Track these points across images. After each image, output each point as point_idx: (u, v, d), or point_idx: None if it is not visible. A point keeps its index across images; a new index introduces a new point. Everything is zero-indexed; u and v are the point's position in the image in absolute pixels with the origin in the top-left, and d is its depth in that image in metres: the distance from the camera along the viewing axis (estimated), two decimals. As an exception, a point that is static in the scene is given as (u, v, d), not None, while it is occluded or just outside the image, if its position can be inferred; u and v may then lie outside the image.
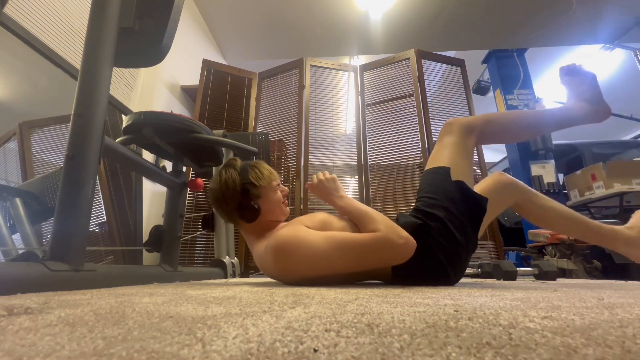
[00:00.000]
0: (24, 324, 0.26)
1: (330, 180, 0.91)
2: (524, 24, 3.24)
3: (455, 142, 0.91)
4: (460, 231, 0.80)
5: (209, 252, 2.27)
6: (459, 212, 0.82)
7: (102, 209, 1.69)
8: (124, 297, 0.48)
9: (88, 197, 0.68)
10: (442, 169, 0.88)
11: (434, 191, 0.86)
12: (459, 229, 0.80)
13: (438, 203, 0.83)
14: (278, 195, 0.87)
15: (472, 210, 0.84)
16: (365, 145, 2.60)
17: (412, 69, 2.62)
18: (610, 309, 0.34)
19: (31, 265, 0.56)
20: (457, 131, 0.92)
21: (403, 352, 0.19)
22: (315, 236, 0.74)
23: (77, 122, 0.69)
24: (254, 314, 0.32)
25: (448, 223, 0.80)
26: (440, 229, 0.80)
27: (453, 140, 0.92)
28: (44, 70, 1.47)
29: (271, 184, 0.86)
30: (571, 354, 0.18)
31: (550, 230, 1.04)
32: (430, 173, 0.91)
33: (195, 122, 1.11)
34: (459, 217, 0.81)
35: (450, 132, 0.93)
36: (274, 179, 0.87)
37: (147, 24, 0.87)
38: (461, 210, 0.82)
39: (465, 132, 0.92)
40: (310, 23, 3.25)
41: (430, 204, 0.84)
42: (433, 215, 0.82)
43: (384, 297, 0.47)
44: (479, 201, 0.85)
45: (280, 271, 0.79)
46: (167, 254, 1.17)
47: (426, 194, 0.87)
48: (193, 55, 2.91)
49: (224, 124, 2.56)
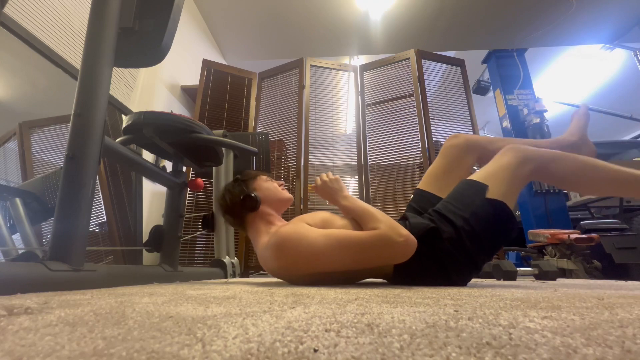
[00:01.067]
0: (24, 324, 0.26)
1: (334, 181, 0.92)
2: (524, 24, 3.24)
3: (509, 166, 0.84)
4: (475, 243, 0.78)
5: (209, 252, 2.27)
6: (480, 227, 0.79)
7: (102, 209, 1.69)
8: (124, 297, 0.48)
9: (88, 197, 0.68)
10: (479, 184, 0.84)
11: (459, 200, 0.84)
12: (474, 242, 0.78)
13: (458, 212, 0.81)
14: (272, 183, 0.98)
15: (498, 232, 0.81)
16: (365, 145, 2.60)
17: (412, 69, 2.62)
18: (610, 309, 0.34)
19: (31, 265, 0.56)
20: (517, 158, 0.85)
21: (403, 352, 0.19)
22: (315, 233, 0.75)
23: (77, 122, 0.69)
24: (254, 314, 0.32)
25: (462, 232, 0.78)
26: (451, 235, 0.79)
27: (509, 163, 0.85)
28: (44, 70, 1.47)
29: (259, 176, 0.98)
30: (571, 354, 0.18)
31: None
32: (467, 184, 0.87)
33: (195, 122, 1.11)
34: (477, 232, 0.78)
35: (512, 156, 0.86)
36: (263, 175, 0.99)
37: (147, 24, 0.87)
38: (483, 228, 0.79)
39: (523, 161, 0.85)
40: (310, 23, 3.24)
41: (450, 210, 0.83)
42: (449, 220, 0.80)
43: (384, 297, 0.47)
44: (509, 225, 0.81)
45: (280, 268, 0.80)
46: (167, 254, 1.17)
47: (452, 200, 0.86)
48: (193, 55, 2.91)
49: (224, 124, 2.56)
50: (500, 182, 0.83)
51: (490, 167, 0.87)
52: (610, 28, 3.35)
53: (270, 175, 1.02)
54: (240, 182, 0.95)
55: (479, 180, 0.85)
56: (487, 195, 0.81)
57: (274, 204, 0.94)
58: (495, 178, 0.84)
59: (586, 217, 3.11)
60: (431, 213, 0.87)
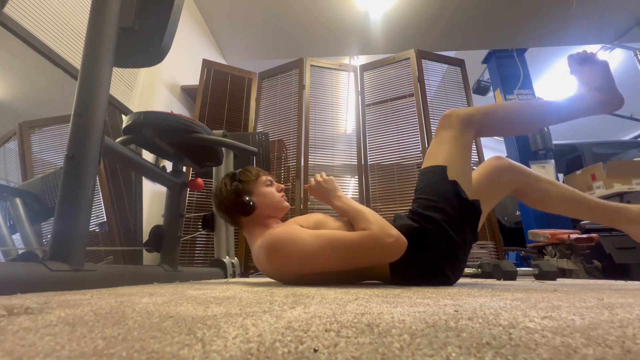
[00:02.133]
0: (24, 324, 0.26)
1: (328, 182, 0.92)
2: (524, 24, 3.24)
3: (452, 137, 0.88)
4: (458, 232, 0.79)
5: (209, 252, 2.27)
6: (457, 212, 0.80)
7: (102, 209, 1.69)
8: (124, 297, 0.48)
9: (88, 197, 0.68)
10: (438, 168, 0.85)
11: (430, 192, 0.84)
12: (456, 230, 0.79)
13: (434, 205, 0.82)
14: (271, 189, 0.93)
15: (470, 211, 0.83)
16: (365, 145, 2.60)
17: (412, 69, 2.62)
18: (610, 309, 0.33)
19: (31, 265, 0.56)
20: (455, 124, 0.88)
21: (403, 352, 0.19)
22: (306, 234, 0.76)
23: (77, 122, 0.69)
24: (254, 314, 0.32)
25: (444, 224, 0.79)
26: (436, 231, 0.79)
27: (450, 135, 0.88)
28: (44, 70, 1.47)
29: (260, 178, 0.93)
30: (571, 354, 0.18)
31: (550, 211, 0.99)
32: (426, 172, 0.88)
33: (195, 122, 1.11)
34: (456, 218, 0.80)
35: (448, 126, 0.89)
36: (263, 175, 0.95)
37: (147, 24, 0.87)
38: (459, 211, 0.81)
39: (463, 125, 0.88)
40: (310, 23, 3.24)
41: (426, 206, 0.83)
42: (429, 217, 0.81)
43: (384, 297, 0.47)
44: (472, 204, 0.83)
45: (273, 269, 0.81)
46: (167, 254, 1.17)
47: (422, 194, 0.86)
48: (193, 55, 2.91)
49: (224, 124, 2.56)
50: (453, 157, 0.85)
51: (437, 146, 0.90)
52: (610, 28, 3.35)
53: (272, 176, 0.99)
54: (238, 181, 0.91)
55: (435, 164, 0.86)
56: (448, 175, 0.83)
57: (271, 211, 0.91)
58: (447, 155, 0.86)
59: (586, 217, 3.10)
60: (410, 215, 0.86)
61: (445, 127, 0.90)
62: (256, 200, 0.89)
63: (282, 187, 0.97)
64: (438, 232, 0.79)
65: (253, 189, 0.91)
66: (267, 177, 0.95)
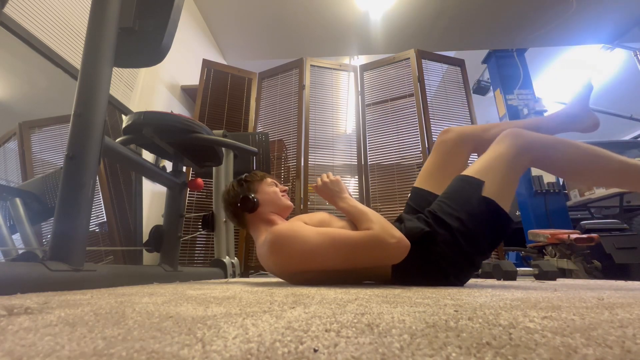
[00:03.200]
0: (24, 324, 0.26)
1: (335, 183, 0.92)
2: (524, 24, 3.24)
3: (507, 156, 0.80)
4: (471, 244, 0.77)
5: (209, 252, 2.26)
6: (476, 227, 0.77)
7: (102, 209, 1.69)
8: (124, 297, 0.48)
9: (88, 197, 0.68)
10: (475, 180, 0.80)
11: (455, 199, 0.82)
12: (470, 242, 0.77)
13: (454, 213, 0.79)
14: (274, 188, 0.97)
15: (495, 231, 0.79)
16: (365, 145, 2.60)
17: (412, 69, 2.62)
18: (610, 309, 0.33)
19: (31, 265, 0.56)
20: (515, 146, 0.80)
21: (403, 352, 0.19)
22: (309, 231, 0.77)
23: (77, 122, 0.69)
24: (254, 314, 0.32)
25: (457, 234, 0.77)
26: (446, 238, 0.78)
27: (506, 153, 0.80)
28: (44, 70, 1.47)
29: (265, 180, 0.98)
30: (571, 354, 0.18)
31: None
32: (463, 179, 0.84)
33: (195, 122, 1.11)
34: (474, 232, 0.77)
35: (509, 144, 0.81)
36: (268, 177, 1.00)
37: (147, 24, 0.87)
38: (480, 228, 0.77)
39: (521, 150, 0.80)
40: (310, 23, 3.24)
41: (445, 211, 0.81)
42: (444, 223, 0.79)
43: (384, 297, 0.47)
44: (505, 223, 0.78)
45: (275, 264, 0.81)
46: (167, 254, 1.17)
47: (446, 199, 0.84)
48: (193, 55, 2.91)
49: (224, 124, 2.56)
50: (495, 175, 0.79)
51: (486, 158, 0.83)
52: (610, 28, 3.35)
53: (276, 179, 1.03)
54: (243, 181, 0.97)
55: (474, 176, 0.81)
56: (483, 192, 0.78)
57: (274, 209, 0.95)
58: (491, 171, 0.80)
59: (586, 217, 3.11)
60: (426, 214, 0.86)
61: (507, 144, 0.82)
62: (260, 198, 0.92)
63: (285, 189, 1.01)
64: (447, 239, 0.78)
65: (257, 187, 0.96)
66: (272, 179, 1.01)
